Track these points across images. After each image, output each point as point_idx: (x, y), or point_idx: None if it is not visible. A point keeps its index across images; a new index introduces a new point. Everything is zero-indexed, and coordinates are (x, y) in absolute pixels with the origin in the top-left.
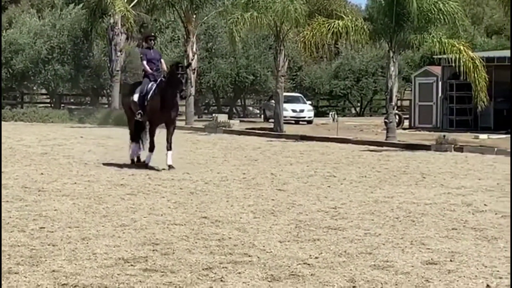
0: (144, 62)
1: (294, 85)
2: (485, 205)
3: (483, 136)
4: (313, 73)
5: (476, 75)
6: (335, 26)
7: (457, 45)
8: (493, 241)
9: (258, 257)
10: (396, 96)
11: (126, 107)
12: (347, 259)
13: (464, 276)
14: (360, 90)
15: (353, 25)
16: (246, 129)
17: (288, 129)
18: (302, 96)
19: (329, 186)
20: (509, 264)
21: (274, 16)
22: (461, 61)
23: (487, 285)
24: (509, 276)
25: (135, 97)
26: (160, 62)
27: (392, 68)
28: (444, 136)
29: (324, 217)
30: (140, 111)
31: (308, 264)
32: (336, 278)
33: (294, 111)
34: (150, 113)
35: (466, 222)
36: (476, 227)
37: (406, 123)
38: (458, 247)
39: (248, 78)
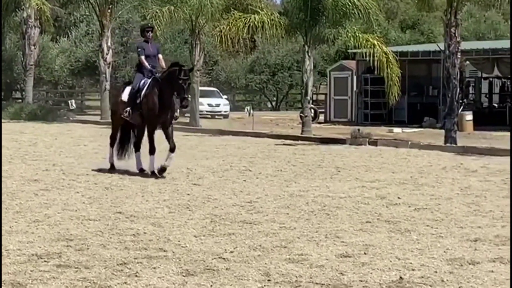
0: (143, 57)
1: (210, 79)
2: (398, 198)
3: (397, 130)
4: (229, 68)
5: (389, 70)
6: (251, 20)
7: (371, 40)
8: (406, 233)
9: (173, 252)
10: (311, 90)
11: (114, 109)
12: (262, 253)
13: (377, 269)
14: (276, 84)
15: (269, 20)
16: None
17: (204, 123)
18: (218, 91)
19: (244, 180)
20: (422, 256)
21: (190, 10)
22: (375, 55)
23: (400, 277)
24: (421, 268)
25: (124, 96)
26: (158, 58)
27: (307, 63)
28: (359, 130)
29: (240, 211)
30: (129, 108)
31: (223, 259)
32: (251, 272)
33: (210, 105)
34: (147, 114)
35: (380, 215)
36: (389, 220)
37: (321, 117)
38: (372, 240)
39: None
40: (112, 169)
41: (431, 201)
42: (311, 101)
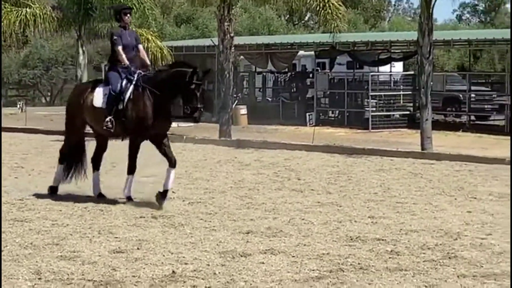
0: (120, 48)
1: None
2: (173, 192)
3: (172, 124)
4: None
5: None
6: (23, 14)
7: (145, 34)
8: (180, 227)
9: None
10: None
11: (72, 113)
12: (33, 251)
13: (150, 264)
14: (50, 79)
15: (41, 13)
16: None
17: None
18: None
19: (16, 178)
20: (195, 250)
21: None
22: (150, 50)
23: (173, 271)
24: (194, 262)
25: (97, 101)
26: (138, 48)
27: (81, 57)
28: None
29: (11, 209)
30: (110, 117)
31: None
32: (21, 271)
33: None
34: (134, 123)
35: (154, 210)
36: (163, 215)
37: None
38: (146, 235)
39: None
40: (55, 191)
41: (205, 195)
42: None
